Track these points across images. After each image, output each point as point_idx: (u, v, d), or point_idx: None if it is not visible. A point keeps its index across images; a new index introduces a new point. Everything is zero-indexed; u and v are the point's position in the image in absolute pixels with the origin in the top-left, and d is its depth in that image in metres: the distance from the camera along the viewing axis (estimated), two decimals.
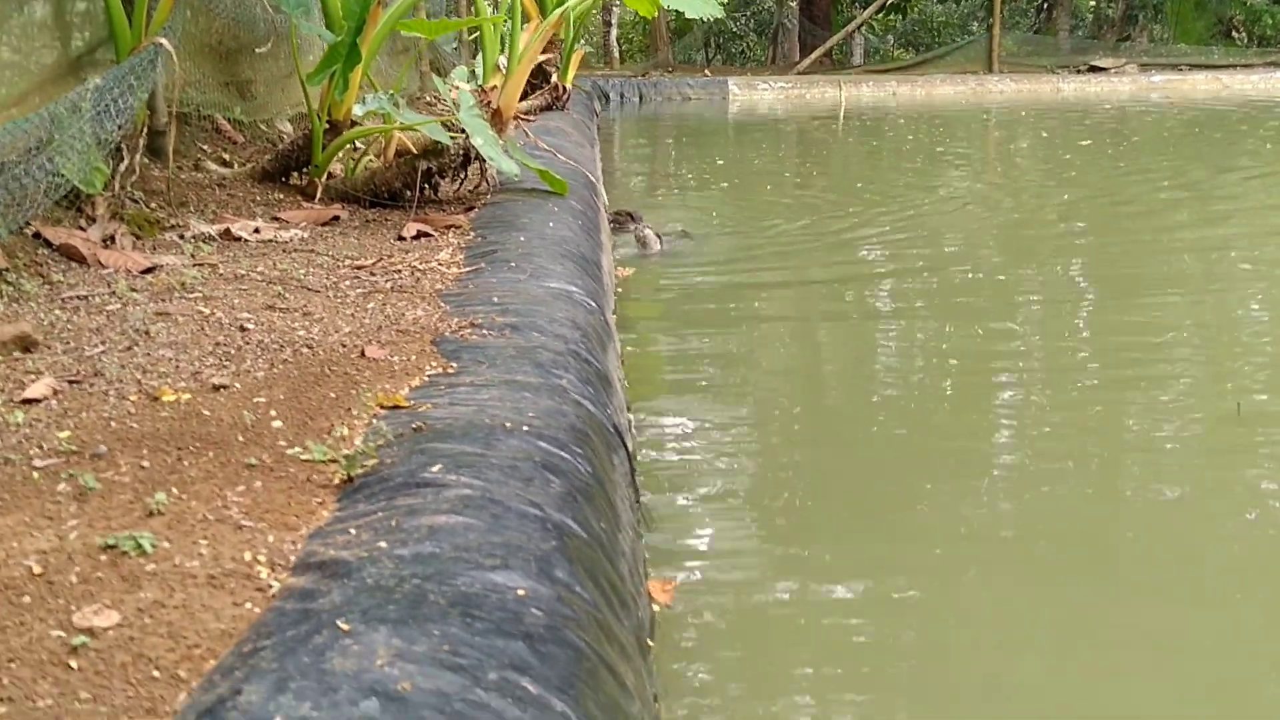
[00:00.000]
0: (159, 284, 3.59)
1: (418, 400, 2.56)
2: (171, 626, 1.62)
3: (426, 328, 3.17)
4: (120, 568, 1.78)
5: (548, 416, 2.50)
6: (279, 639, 1.51)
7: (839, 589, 2.80)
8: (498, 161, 4.83)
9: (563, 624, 1.69)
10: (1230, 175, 9.61)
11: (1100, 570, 2.93)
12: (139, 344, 2.95)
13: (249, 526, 1.95)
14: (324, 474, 2.17)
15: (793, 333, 5.24)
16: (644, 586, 2.49)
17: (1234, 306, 5.42)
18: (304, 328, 3.15)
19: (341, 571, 1.71)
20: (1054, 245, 6.83)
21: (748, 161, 11.44)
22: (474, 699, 1.41)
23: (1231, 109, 15.10)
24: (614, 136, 13.93)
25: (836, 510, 3.30)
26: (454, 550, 1.78)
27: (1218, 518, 3.16)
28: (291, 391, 2.62)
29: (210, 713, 1.36)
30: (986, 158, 11.57)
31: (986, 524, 3.15)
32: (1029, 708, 2.33)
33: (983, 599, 2.78)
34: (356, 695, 1.36)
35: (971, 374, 4.52)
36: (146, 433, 2.34)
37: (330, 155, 5.27)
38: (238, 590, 1.73)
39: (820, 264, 6.41)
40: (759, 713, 2.31)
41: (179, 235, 4.34)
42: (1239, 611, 2.69)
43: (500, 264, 3.97)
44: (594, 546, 2.08)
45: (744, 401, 4.23)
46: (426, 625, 1.54)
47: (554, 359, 2.94)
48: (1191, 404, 4.06)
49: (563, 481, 2.20)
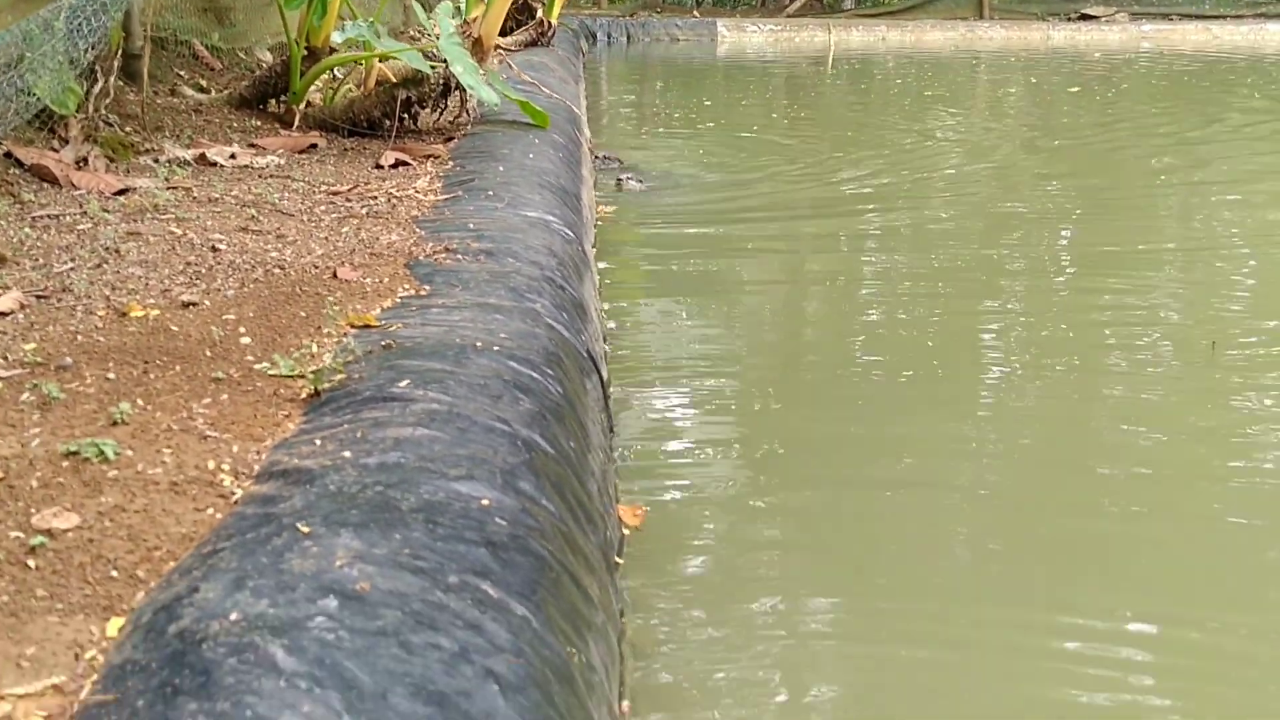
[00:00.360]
0: (131, 205, 3.55)
1: (389, 320, 2.54)
2: (132, 530, 1.61)
3: (400, 251, 3.15)
4: (82, 474, 1.77)
5: (519, 338, 2.49)
6: (239, 541, 1.51)
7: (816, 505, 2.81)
8: (477, 90, 4.78)
9: (526, 533, 1.69)
10: (1217, 126, 9.59)
11: (1084, 506, 2.94)
12: (109, 262, 2.92)
13: (214, 437, 1.93)
14: (291, 388, 2.15)
15: (781, 262, 5.22)
16: (614, 507, 2.49)
17: (1218, 249, 5.42)
18: (276, 249, 3.12)
19: (304, 479, 1.70)
20: (1040, 190, 6.80)
21: (735, 103, 11.34)
22: (433, 600, 1.41)
23: (1221, 59, 15.04)
24: (601, 76, 13.80)
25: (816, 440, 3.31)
26: (419, 461, 1.77)
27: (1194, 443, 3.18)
28: (261, 310, 2.60)
29: (166, 609, 1.35)
30: (975, 104, 11.50)
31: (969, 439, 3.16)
32: (993, 627, 2.35)
33: (961, 521, 2.79)
34: (314, 593, 1.36)
35: (954, 298, 4.54)
36: (113, 346, 2.32)
37: (308, 82, 5.20)
38: (200, 497, 1.72)
39: (808, 204, 6.36)
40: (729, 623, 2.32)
41: (153, 159, 4.29)
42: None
43: (478, 192, 3.93)
44: (562, 463, 2.07)
45: (725, 312, 4.22)
46: (388, 530, 1.54)
47: (528, 284, 2.93)
48: (1169, 342, 4.07)
49: (532, 400, 2.19)
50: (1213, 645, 2.29)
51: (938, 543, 2.71)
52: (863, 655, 2.26)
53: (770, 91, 12.41)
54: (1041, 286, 4.82)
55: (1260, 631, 2.34)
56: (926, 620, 2.37)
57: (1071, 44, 17.48)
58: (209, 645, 1.24)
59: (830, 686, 2.19)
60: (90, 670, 1.30)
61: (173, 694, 1.17)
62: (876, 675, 2.21)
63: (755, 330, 4.40)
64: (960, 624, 2.37)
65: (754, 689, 2.14)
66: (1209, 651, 2.27)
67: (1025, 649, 2.28)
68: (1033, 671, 2.22)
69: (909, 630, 2.33)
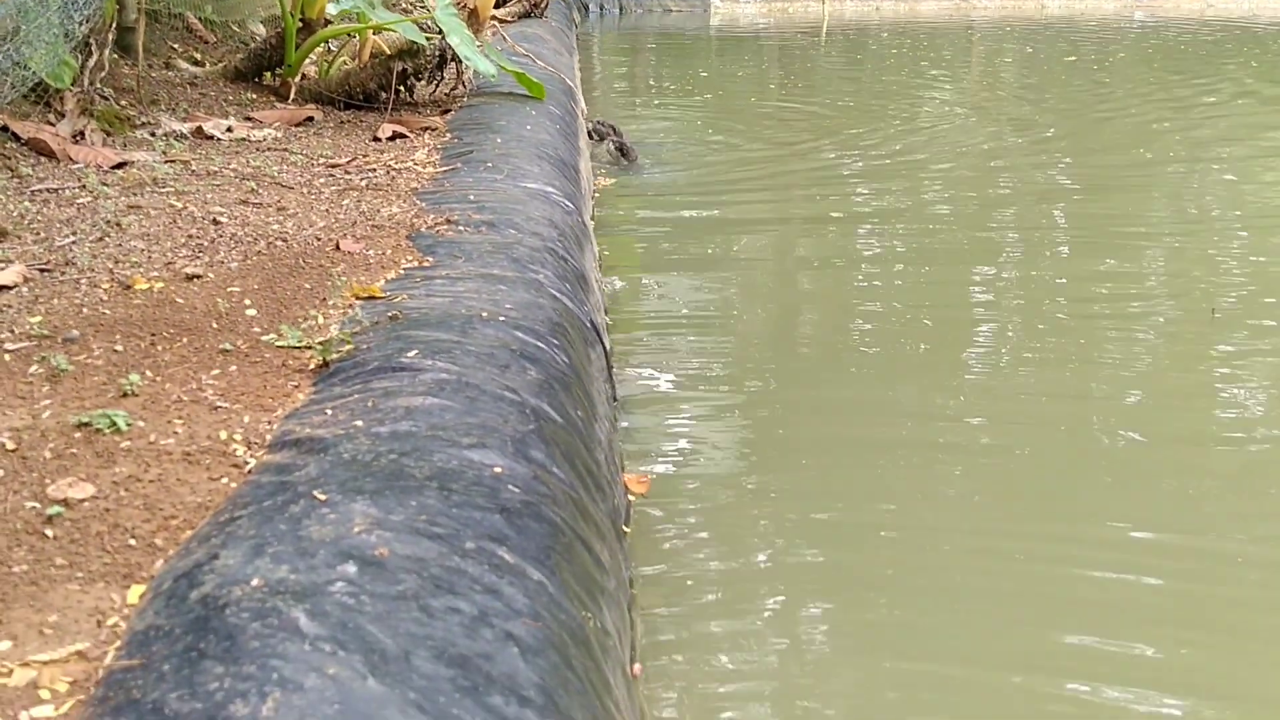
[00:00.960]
0: (130, 179, 3.54)
1: (394, 291, 2.54)
2: (147, 499, 1.62)
3: (402, 224, 3.14)
4: (95, 444, 1.78)
5: (524, 308, 2.50)
6: (256, 509, 1.52)
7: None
8: (474, 61, 4.76)
9: (539, 500, 1.70)
10: (1213, 95, 9.58)
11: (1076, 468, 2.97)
12: (110, 235, 2.92)
13: (224, 408, 1.94)
14: (299, 359, 2.16)
15: (772, 237, 5.22)
16: (619, 476, 2.51)
17: (1213, 219, 5.44)
18: (278, 222, 3.12)
19: (318, 448, 1.71)
20: (1039, 161, 6.78)
21: (730, 74, 11.30)
22: (451, 565, 1.42)
23: (1216, 28, 15.00)
24: (594, 47, 13.73)
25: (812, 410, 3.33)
26: (430, 429, 1.78)
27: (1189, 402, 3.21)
28: (265, 282, 2.60)
29: (187, 576, 1.36)
30: (972, 73, 11.47)
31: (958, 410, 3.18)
32: (990, 597, 2.38)
33: (953, 497, 2.81)
34: (334, 559, 1.37)
35: (947, 262, 4.57)
36: (119, 319, 2.32)
37: (303, 55, 5.17)
38: (214, 466, 1.73)
39: (800, 178, 6.34)
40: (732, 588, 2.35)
41: (150, 132, 4.27)
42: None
43: (477, 164, 3.93)
44: (570, 431, 2.08)
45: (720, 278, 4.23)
46: (403, 497, 1.55)
47: (530, 255, 2.93)
48: (1168, 306, 4.10)
49: (539, 369, 2.20)
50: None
51: (934, 498, 2.76)
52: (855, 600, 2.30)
53: (764, 63, 12.36)
54: (1041, 269, 4.82)
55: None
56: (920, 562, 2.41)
57: (1066, 13, 17.42)
58: (232, 610, 1.26)
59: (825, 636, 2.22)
60: (113, 636, 1.31)
61: (198, 658, 1.19)
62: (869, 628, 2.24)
63: (753, 303, 4.41)
64: (956, 569, 2.42)
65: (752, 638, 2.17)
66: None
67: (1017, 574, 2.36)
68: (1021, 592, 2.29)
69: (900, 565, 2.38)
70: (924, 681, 2.12)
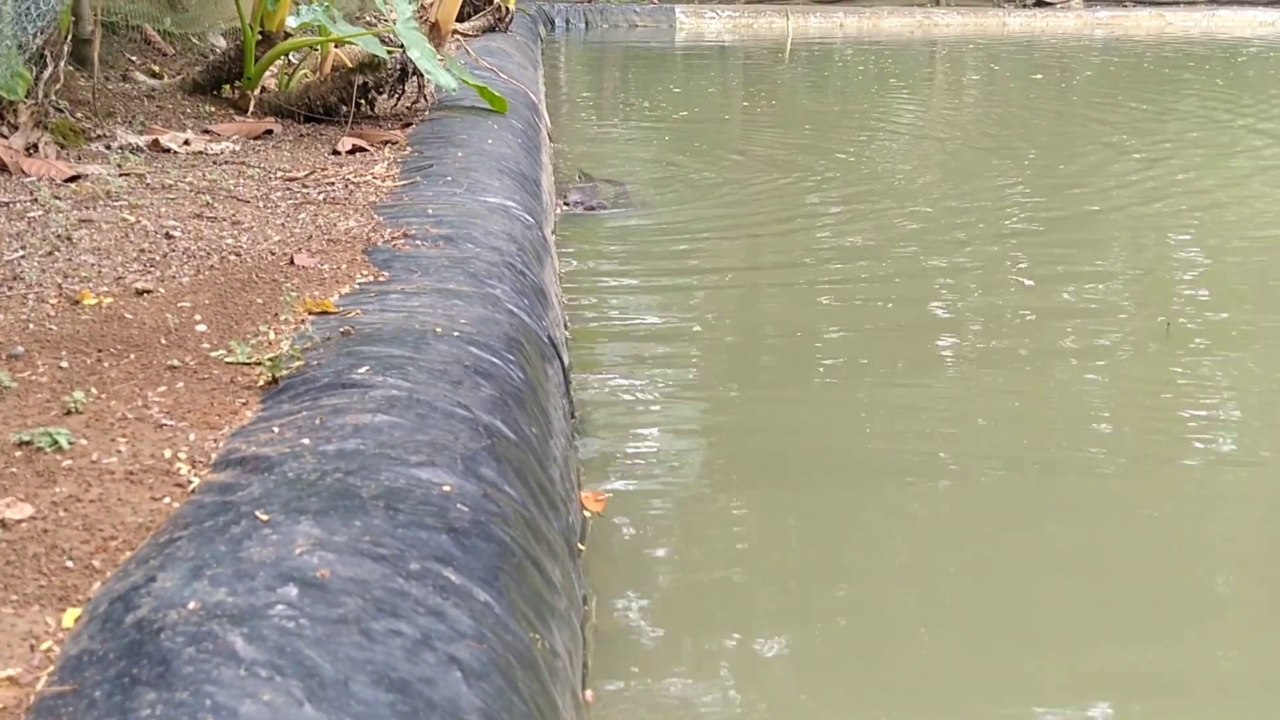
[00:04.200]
0: (83, 192, 3.49)
1: (347, 306, 2.52)
2: (87, 520, 1.59)
3: (358, 238, 3.12)
4: (35, 463, 1.74)
5: (480, 324, 2.48)
6: (196, 529, 1.49)
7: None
8: (435, 75, 4.73)
9: (489, 519, 1.68)
10: (1178, 109, 9.71)
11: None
12: (60, 249, 2.87)
13: (170, 425, 1.91)
14: (248, 376, 2.13)
15: (744, 242, 5.20)
16: (576, 493, 2.49)
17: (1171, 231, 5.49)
18: (232, 236, 3.09)
19: (263, 467, 1.68)
20: (1014, 177, 6.78)
21: (700, 90, 11.32)
22: (394, 587, 1.40)
23: (1176, 46, 15.20)
24: (560, 63, 13.74)
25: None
26: (379, 447, 1.76)
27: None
28: (217, 297, 2.57)
29: (123, 599, 1.33)
30: (938, 90, 11.55)
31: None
32: (957, 601, 2.38)
33: (919, 506, 2.81)
34: (274, 581, 1.35)
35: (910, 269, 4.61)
36: (66, 334, 2.29)
37: (263, 68, 5.13)
38: (156, 486, 1.70)
39: (772, 209, 6.10)
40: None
41: (105, 145, 4.22)
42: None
43: (436, 178, 3.90)
44: (524, 449, 2.06)
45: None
46: (348, 517, 1.53)
47: (488, 269, 2.91)
48: (1123, 321, 4.14)
49: (493, 385, 2.18)
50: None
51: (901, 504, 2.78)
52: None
53: (730, 81, 12.40)
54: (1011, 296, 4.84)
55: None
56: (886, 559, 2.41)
57: (1028, 30, 17.60)
58: (167, 634, 1.23)
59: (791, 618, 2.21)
60: (46, 661, 1.28)
61: (131, 684, 1.16)
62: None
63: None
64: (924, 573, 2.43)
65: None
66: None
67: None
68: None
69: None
70: (888, 700, 2.10)
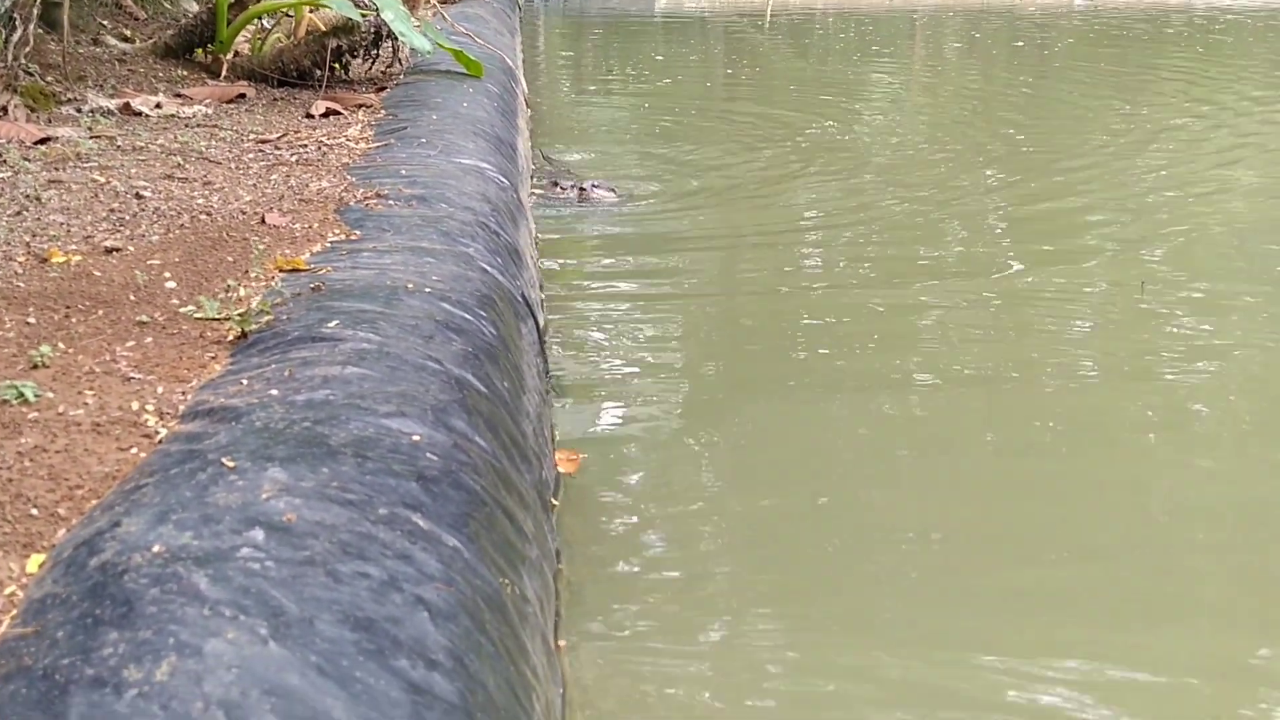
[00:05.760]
0: (53, 154, 3.46)
1: (318, 264, 2.50)
2: (52, 470, 1.58)
3: (331, 198, 3.10)
4: (1, 415, 1.73)
5: (452, 281, 2.46)
6: (162, 477, 1.48)
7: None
8: (409, 37, 4.70)
9: (458, 468, 1.68)
10: (1155, 73, 9.72)
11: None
12: (29, 209, 2.85)
13: (138, 379, 1.90)
14: (218, 331, 2.12)
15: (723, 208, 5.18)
16: (550, 448, 2.49)
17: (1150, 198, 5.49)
18: (203, 196, 3.06)
19: (230, 417, 1.67)
20: (996, 144, 6.75)
21: (682, 57, 11.26)
22: (361, 531, 1.39)
23: (1154, 14, 15.19)
24: (538, 32, 13.65)
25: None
26: (348, 398, 1.75)
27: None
28: (187, 255, 2.55)
29: (87, 544, 1.33)
30: (921, 58, 11.53)
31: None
32: (934, 582, 2.38)
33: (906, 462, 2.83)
34: (240, 525, 1.34)
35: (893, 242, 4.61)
36: (33, 291, 2.27)
37: (236, 31, 5.09)
38: (124, 437, 1.69)
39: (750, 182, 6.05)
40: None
41: (76, 109, 4.17)
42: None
43: (410, 140, 3.88)
44: (495, 402, 2.06)
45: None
46: (316, 464, 1.52)
47: (461, 228, 2.89)
48: (1101, 283, 4.16)
49: (465, 340, 2.17)
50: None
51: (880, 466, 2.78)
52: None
53: (711, 50, 12.34)
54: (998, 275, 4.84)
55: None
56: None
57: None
58: (130, 576, 1.22)
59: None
60: (9, 605, 1.27)
61: (94, 624, 1.15)
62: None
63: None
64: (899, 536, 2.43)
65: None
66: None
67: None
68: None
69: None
70: (866, 669, 2.06)
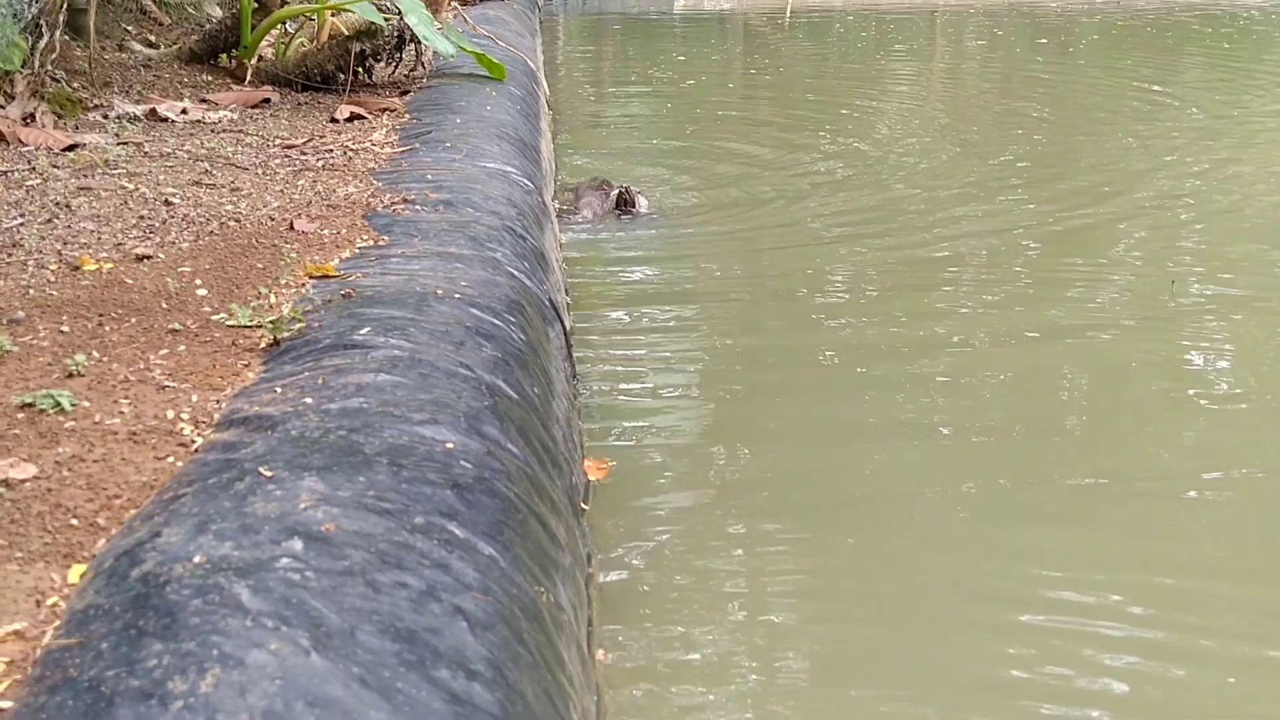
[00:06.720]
0: (81, 161, 3.48)
1: (348, 270, 2.51)
2: (91, 479, 1.59)
3: (358, 203, 3.11)
4: (38, 425, 1.74)
5: (481, 286, 2.47)
6: (200, 487, 1.49)
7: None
8: (432, 41, 4.71)
9: (492, 475, 1.68)
10: (1183, 74, 9.65)
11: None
12: (59, 217, 2.87)
13: (172, 387, 1.91)
14: (250, 338, 2.13)
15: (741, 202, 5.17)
16: (579, 453, 2.49)
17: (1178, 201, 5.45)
18: (231, 203, 3.08)
19: (266, 425, 1.68)
20: (1021, 145, 6.69)
21: (704, 57, 11.24)
22: (399, 540, 1.40)
23: (1176, 8, 15.09)
24: (558, 32, 13.65)
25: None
26: (381, 406, 1.76)
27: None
28: (217, 262, 2.56)
29: (128, 554, 1.34)
30: (943, 58, 11.48)
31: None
32: (957, 581, 2.38)
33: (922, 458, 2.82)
34: (279, 535, 1.35)
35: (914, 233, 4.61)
36: (66, 300, 2.28)
37: (260, 36, 5.10)
38: (160, 445, 1.70)
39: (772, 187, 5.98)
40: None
41: (103, 115, 4.20)
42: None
43: (435, 144, 3.89)
44: (526, 408, 2.06)
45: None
46: (352, 473, 1.53)
47: (488, 233, 2.90)
48: (1130, 280, 4.14)
49: (495, 346, 2.18)
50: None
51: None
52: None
53: (731, 50, 12.32)
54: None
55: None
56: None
57: None
58: (173, 588, 1.23)
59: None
60: (52, 616, 1.28)
61: (137, 636, 1.16)
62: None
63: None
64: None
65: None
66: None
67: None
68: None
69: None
70: (892, 674, 2.06)
